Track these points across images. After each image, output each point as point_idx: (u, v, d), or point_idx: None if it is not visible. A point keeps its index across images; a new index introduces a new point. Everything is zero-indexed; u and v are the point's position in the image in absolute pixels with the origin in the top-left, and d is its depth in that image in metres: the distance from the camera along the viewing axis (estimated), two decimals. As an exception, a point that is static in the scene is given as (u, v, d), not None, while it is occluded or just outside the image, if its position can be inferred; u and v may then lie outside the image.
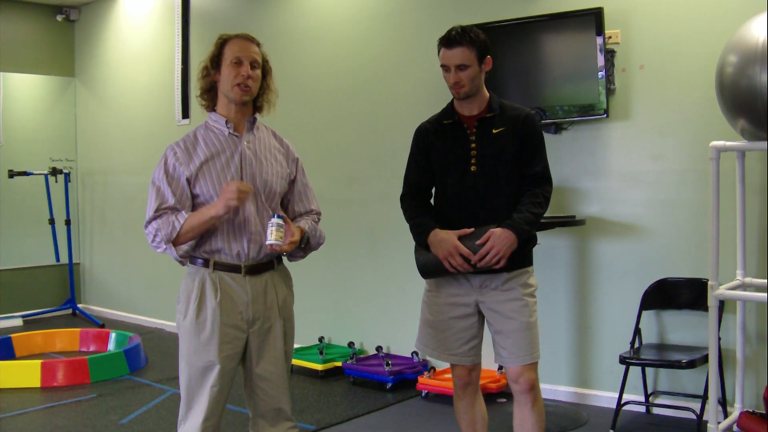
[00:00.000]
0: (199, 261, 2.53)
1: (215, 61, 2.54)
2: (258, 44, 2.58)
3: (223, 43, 2.55)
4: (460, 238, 2.68)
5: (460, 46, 2.69)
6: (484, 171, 2.75)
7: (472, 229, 2.69)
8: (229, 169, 2.50)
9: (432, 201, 2.94)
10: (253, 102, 2.61)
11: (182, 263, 2.55)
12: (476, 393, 2.94)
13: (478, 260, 2.65)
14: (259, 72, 2.55)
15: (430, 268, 2.78)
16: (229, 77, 2.50)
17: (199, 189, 2.50)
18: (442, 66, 2.76)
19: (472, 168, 2.76)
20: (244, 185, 2.42)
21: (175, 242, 2.46)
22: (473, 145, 2.77)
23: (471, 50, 2.70)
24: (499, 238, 2.64)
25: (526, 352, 2.74)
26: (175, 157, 2.51)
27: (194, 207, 2.52)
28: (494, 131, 2.76)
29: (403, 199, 2.92)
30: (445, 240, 2.69)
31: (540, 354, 2.80)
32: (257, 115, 2.64)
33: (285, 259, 2.68)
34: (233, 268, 2.51)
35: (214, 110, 2.59)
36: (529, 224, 2.70)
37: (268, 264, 2.57)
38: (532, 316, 2.76)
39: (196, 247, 2.52)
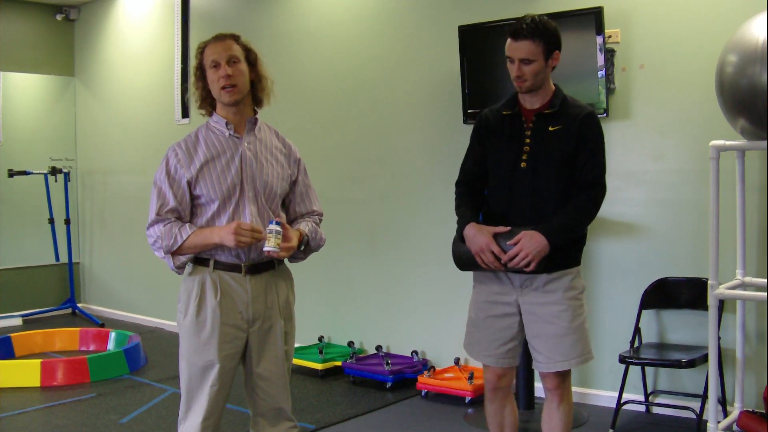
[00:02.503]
0: (200, 260, 2.52)
1: (199, 70, 2.54)
2: (235, 38, 2.55)
3: (201, 51, 2.55)
4: (495, 236, 2.62)
5: (526, 40, 2.59)
6: (534, 168, 2.66)
7: (509, 228, 2.62)
8: (230, 170, 2.50)
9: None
10: (253, 97, 2.59)
11: (178, 273, 2.55)
12: (507, 396, 2.88)
13: (507, 260, 2.60)
14: (241, 66, 2.51)
15: (465, 261, 2.74)
16: (213, 83, 2.50)
17: (199, 190, 2.49)
18: (507, 57, 2.66)
19: (522, 164, 2.68)
20: (258, 229, 2.43)
21: (175, 253, 2.47)
22: (527, 140, 2.69)
23: (538, 45, 2.60)
24: (529, 241, 2.56)
25: (562, 358, 2.67)
26: (177, 158, 2.51)
27: (195, 208, 2.53)
28: (551, 129, 2.66)
29: (457, 186, 2.86)
30: (478, 235, 2.63)
31: (588, 357, 2.72)
32: (259, 110, 2.62)
33: (286, 259, 2.67)
34: (233, 268, 2.51)
35: (214, 112, 2.59)
36: (567, 231, 2.62)
37: (268, 264, 2.57)
38: (574, 321, 2.68)
39: None
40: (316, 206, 2.72)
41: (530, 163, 2.67)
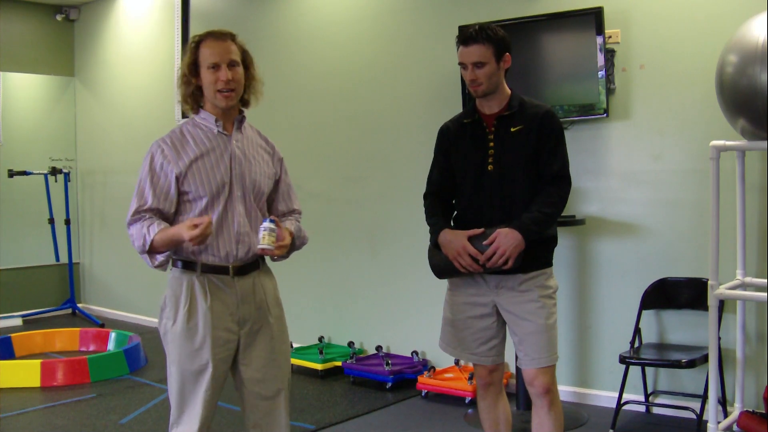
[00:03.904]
0: (186, 264, 2.49)
1: (193, 66, 2.48)
2: (233, 38, 2.50)
3: (196, 45, 2.48)
4: (470, 238, 2.66)
5: (476, 44, 2.67)
6: (501, 170, 2.72)
7: (482, 230, 2.67)
8: (219, 168, 2.47)
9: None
10: (241, 98, 2.54)
11: (161, 269, 2.51)
12: (499, 393, 2.92)
13: (485, 260, 2.63)
14: (239, 69, 2.47)
15: (443, 268, 2.78)
16: (210, 84, 2.44)
17: (187, 187, 2.45)
18: (460, 63, 2.73)
19: (489, 168, 2.73)
20: (207, 226, 2.32)
21: (150, 252, 2.42)
22: (491, 144, 2.74)
23: (488, 47, 2.67)
24: (505, 238, 2.61)
25: (541, 355, 2.71)
26: (163, 154, 2.47)
27: (182, 205, 2.48)
28: (512, 129, 2.73)
29: (425, 198, 2.93)
30: (454, 240, 2.69)
31: (558, 356, 2.78)
32: (245, 110, 2.59)
33: (267, 258, 2.64)
34: (221, 270, 2.47)
35: (201, 109, 2.54)
36: (538, 224, 2.66)
37: (254, 264, 2.55)
38: (549, 318, 2.73)
39: (182, 249, 2.47)
40: (296, 205, 2.72)
41: (497, 166, 2.73)
